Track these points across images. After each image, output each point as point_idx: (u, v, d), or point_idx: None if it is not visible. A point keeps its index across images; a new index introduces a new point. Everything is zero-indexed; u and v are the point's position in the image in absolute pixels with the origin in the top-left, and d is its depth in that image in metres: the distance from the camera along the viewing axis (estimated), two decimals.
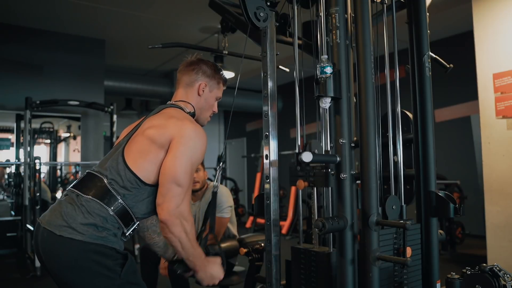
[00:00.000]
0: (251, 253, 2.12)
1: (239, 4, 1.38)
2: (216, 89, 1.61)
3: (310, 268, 1.40)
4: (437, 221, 1.50)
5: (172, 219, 1.31)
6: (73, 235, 1.24)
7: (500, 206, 3.18)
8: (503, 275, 1.41)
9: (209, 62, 1.62)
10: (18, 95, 5.00)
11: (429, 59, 1.55)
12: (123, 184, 1.33)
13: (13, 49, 5.32)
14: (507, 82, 3.15)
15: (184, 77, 1.58)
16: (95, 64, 5.87)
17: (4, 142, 5.88)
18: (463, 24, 5.19)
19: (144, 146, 1.37)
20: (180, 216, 1.32)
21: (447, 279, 1.46)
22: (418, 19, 1.56)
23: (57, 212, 1.31)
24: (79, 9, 4.81)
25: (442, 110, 5.80)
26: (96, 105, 5.14)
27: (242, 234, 2.49)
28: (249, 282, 2.18)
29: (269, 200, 1.46)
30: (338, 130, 1.33)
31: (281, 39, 1.80)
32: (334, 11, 1.34)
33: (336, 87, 1.31)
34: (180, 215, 1.32)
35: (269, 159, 1.46)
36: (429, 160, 1.50)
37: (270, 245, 1.45)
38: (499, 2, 3.25)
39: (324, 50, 1.36)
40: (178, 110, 1.50)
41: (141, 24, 5.33)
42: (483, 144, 3.29)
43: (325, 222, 1.22)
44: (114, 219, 1.30)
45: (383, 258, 1.26)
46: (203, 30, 5.51)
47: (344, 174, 1.30)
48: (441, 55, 1.83)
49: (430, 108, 1.53)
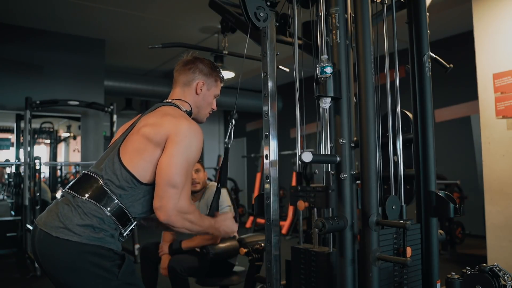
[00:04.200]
0: (251, 253, 2.12)
1: (239, 4, 1.38)
2: (214, 87, 1.61)
3: (310, 268, 1.40)
4: (437, 221, 1.50)
5: (172, 218, 1.32)
6: (70, 237, 1.24)
7: (500, 206, 3.18)
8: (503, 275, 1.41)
9: (206, 60, 1.61)
10: (18, 95, 5.00)
11: (429, 59, 1.55)
12: (119, 184, 1.32)
13: (13, 49, 5.32)
14: (507, 82, 3.15)
15: (181, 76, 1.57)
16: (95, 64, 5.87)
17: (4, 142, 5.88)
18: (463, 24, 5.19)
19: (140, 145, 1.36)
20: (180, 212, 1.33)
21: (447, 279, 1.46)
22: (418, 19, 1.56)
23: (53, 213, 1.30)
24: (79, 9, 4.81)
25: (442, 110, 5.80)
26: (96, 105, 5.14)
27: (242, 234, 2.49)
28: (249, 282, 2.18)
29: (269, 200, 1.46)
30: (338, 130, 1.33)
31: (281, 39, 1.80)
32: (334, 11, 1.34)
33: (336, 87, 1.31)
34: (180, 212, 1.33)
35: (269, 159, 1.46)
36: (429, 160, 1.50)
37: (270, 245, 1.45)
38: (499, 2, 3.25)
39: (324, 50, 1.36)
40: (174, 108, 1.49)
41: (141, 24, 5.33)
42: (483, 144, 3.29)
43: (325, 222, 1.22)
44: (111, 220, 1.30)
45: (383, 258, 1.26)
46: (203, 30, 5.51)
47: (344, 174, 1.30)
48: (441, 55, 1.83)
49: (430, 108, 1.53)
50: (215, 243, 2.46)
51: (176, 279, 2.34)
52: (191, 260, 2.41)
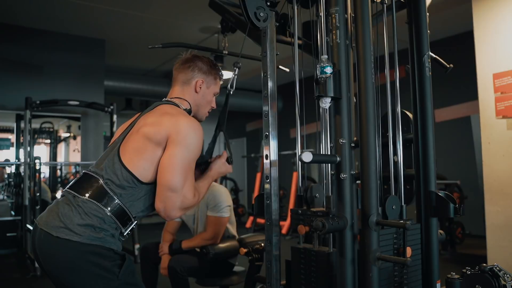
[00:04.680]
0: (251, 253, 2.12)
1: (239, 4, 1.38)
2: (213, 85, 1.60)
3: (310, 268, 1.40)
4: (437, 221, 1.50)
5: (177, 215, 1.36)
6: (70, 236, 1.24)
7: (500, 206, 3.18)
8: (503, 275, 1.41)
9: (205, 58, 1.61)
10: (18, 95, 4.99)
11: (429, 59, 1.55)
12: (120, 183, 1.32)
13: (13, 49, 5.32)
14: (507, 82, 3.15)
15: (180, 74, 1.57)
16: (95, 64, 5.86)
17: (4, 142, 5.88)
18: (463, 24, 5.19)
19: (140, 144, 1.36)
20: (182, 209, 1.35)
21: (447, 279, 1.46)
22: (418, 19, 1.56)
23: (54, 213, 1.30)
24: (79, 9, 4.81)
25: (442, 110, 5.80)
26: (96, 105, 5.14)
27: (242, 234, 2.49)
28: (249, 282, 2.18)
29: (269, 200, 1.46)
30: (338, 130, 1.33)
31: (281, 39, 1.80)
32: (334, 11, 1.34)
33: (336, 87, 1.31)
34: (182, 209, 1.35)
35: (269, 159, 1.46)
36: (429, 160, 1.50)
37: (270, 245, 1.45)
38: (499, 2, 3.25)
39: (324, 50, 1.36)
40: (173, 107, 1.49)
41: (141, 24, 5.33)
42: (483, 144, 3.29)
43: (325, 222, 1.22)
44: (112, 219, 1.30)
45: (383, 258, 1.26)
46: (203, 30, 5.51)
47: (344, 174, 1.30)
48: (441, 55, 1.83)
49: (430, 108, 1.53)
50: (215, 243, 2.46)
51: (176, 279, 2.34)
52: (191, 260, 2.41)
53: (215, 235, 2.46)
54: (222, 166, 1.61)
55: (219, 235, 2.49)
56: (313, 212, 1.40)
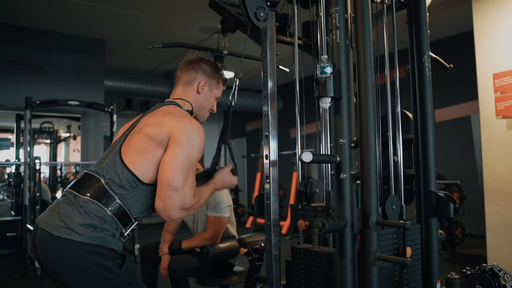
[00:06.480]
0: (251, 253, 2.12)
1: (239, 4, 1.38)
2: (215, 89, 1.61)
3: (310, 268, 1.40)
4: (437, 221, 1.50)
5: (176, 216, 1.35)
6: (71, 236, 1.24)
7: (500, 206, 3.18)
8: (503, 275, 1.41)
9: (210, 61, 1.62)
10: (18, 95, 4.99)
11: (429, 59, 1.55)
12: (121, 184, 1.32)
13: (13, 49, 5.31)
14: (507, 82, 3.15)
15: (184, 75, 1.57)
16: (95, 64, 5.87)
17: (4, 142, 5.88)
18: (463, 24, 5.19)
19: (142, 144, 1.36)
20: (182, 210, 1.34)
21: (447, 279, 1.46)
22: (418, 19, 1.56)
23: (55, 213, 1.30)
24: (79, 9, 4.81)
25: (442, 110, 5.80)
26: (96, 105, 5.14)
27: (242, 234, 2.49)
28: (249, 282, 2.18)
29: (269, 200, 1.46)
30: (338, 130, 1.33)
31: (281, 39, 1.80)
32: (334, 11, 1.34)
33: (336, 87, 1.31)
34: (182, 209, 1.34)
35: (269, 159, 1.46)
36: (429, 160, 1.50)
37: (270, 245, 1.45)
38: (499, 2, 3.25)
39: (324, 50, 1.36)
40: (175, 107, 1.49)
41: (141, 24, 5.33)
42: (483, 144, 3.29)
43: (325, 222, 1.22)
44: (112, 219, 1.30)
45: (383, 258, 1.26)
46: (203, 30, 5.51)
47: (344, 174, 1.30)
48: (441, 55, 1.83)
49: (430, 108, 1.53)
50: (215, 243, 2.46)
51: (176, 279, 2.34)
52: (191, 260, 2.41)
53: (215, 235, 2.46)
54: (226, 175, 1.60)
55: (219, 235, 2.49)
56: (313, 207, 1.39)
